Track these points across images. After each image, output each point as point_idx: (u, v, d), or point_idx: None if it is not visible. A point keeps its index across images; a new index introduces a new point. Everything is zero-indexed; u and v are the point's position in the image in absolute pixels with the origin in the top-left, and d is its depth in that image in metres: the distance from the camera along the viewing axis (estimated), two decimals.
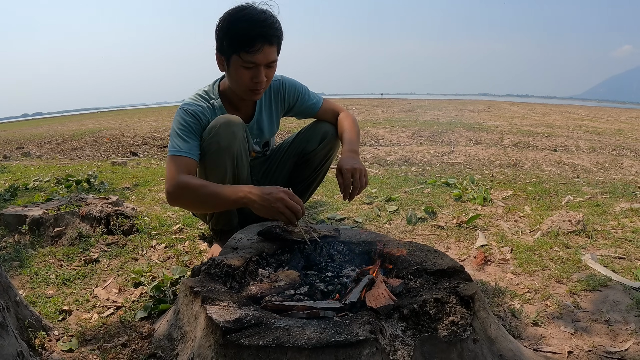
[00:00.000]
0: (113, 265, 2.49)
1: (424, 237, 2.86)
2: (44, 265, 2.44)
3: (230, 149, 2.23)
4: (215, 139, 2.20)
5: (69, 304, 2.05)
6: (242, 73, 2.17)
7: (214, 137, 2.20)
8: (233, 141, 2.22)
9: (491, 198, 3.69)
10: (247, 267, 1.75)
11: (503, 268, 2.41)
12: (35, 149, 10.15)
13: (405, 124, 11.39)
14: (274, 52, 2.17)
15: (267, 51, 2.12)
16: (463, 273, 1.65)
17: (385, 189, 4.24)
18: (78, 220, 2.81)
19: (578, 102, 48.01)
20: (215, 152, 2.21)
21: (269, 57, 2.15)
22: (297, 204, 1.87)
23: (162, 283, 2.06)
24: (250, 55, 2.10)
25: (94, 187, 4.49)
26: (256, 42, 2.07)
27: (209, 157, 2.23)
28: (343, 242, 1.98)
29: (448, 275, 1.65)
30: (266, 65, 2.17)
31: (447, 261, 1.72)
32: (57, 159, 8.26)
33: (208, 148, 2.22)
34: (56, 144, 11.05)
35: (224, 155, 2.23)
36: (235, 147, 2.24)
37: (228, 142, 2.21)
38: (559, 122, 12.95)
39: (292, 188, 2.70)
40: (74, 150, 9.58)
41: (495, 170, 5.46)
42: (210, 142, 2.21)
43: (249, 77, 2.17)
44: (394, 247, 1.89)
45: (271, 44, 2.12)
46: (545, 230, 2.88)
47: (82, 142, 10.97)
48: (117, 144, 10.22)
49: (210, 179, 2.24)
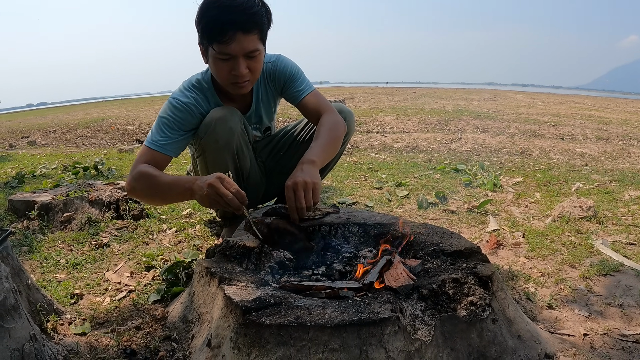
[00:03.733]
0: (124, 250, 2.48)
1: (436, 222, 2.84)
2: (53, 250, 2.44)
3: (230, 146, 2.16)
4: (213, 137, 2.12)
5: (80, 287, 2.04)
6: (220, 66, 1.98)
7: (211, 135, 2.11)
8: (231, 137, 2.15)
9: (501, 184, 3.67)
10: (262, 249, 1.74)
11: (516, 252, 2.40)
12: (40, 138, 10.17)
13: (412, 112, 11.35)
14: (252, 41, 1.92)
15: (242, 40, 1.89)
16: (480, 254, 1.65)
17: (394, 174, 4.23)
18: (87, 206, 2.80)
19: (584, 92, 47.69)
20: (215, 151, 2.16)
21: (245, 47, 1.92)
22: (229, 191, 1.68)
23: (175, 266, 2.05)
24: (223, 46, 1.90)
25: (102, 173, 4.48)
26: (227, 31, 1.86)
27: (209, 155, 2.18)
28: (358, 223, 1.97)
29: (465, 256, 1.64)
30: (245, 55, 1.95)
31: (463, 242, 1.72)
32: (63, 147, 8.25)
33: (206, 146, 2.16)
34: (61, 132, 11.07)
35: (224, 153, 2.17)
36: (234, 143, 2.17)
37: (226, 140, 2.14)
38: (565, 111, 12.89)
39: None
40: (79, 139, 9.60)
41: (503, 158, 5.44)
42: (208, 141, 2.13)
43: (228, 69, 1.98)
44: (410, 228, 1.88)
45: (247, 31, 1.89)
46: (557, 215, 2.87)
47: (87, 130, 10.98)
48: (122, 132, 10.23)
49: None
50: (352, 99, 17.00)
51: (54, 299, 1.84)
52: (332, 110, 2.30)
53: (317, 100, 2.33)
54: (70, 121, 13.81)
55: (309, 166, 1.91)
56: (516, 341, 1.40)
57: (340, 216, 2.06)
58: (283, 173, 2.53)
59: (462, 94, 21.24)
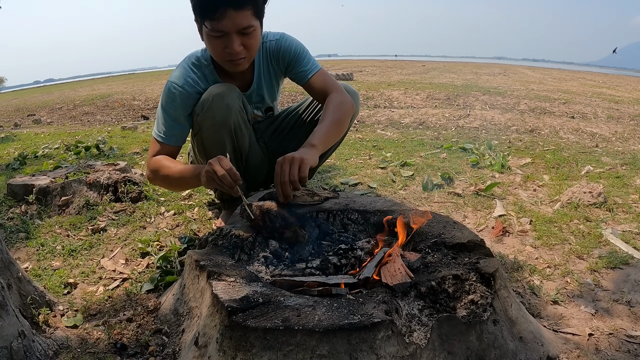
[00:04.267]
0: (120, 234, 2.44)
1: (440, 205, 2.77)
2: (50, 236, 2.41)
3: (227, 123, 2.07)
4: (209, 114, 2.03)
5: (74, 276, 2.01)
6: (214, 43, 1.92)
7: (207, 112, 2.03)
8: (228, 114, 2.05)
9: (509, 165, 3.57)
10: (256, 238, 1.68)
11: (522, 240, 2.33)
12: (46, 116, 10.13)
13: (420, 86, 11.18)
14: (246, 17, 1.84)
15: (234, 16, 1.81)
16: (483, 247, 1.58)
17: (400, 152, 4.14)
18: (85, 189, 2.76)
19: (595, 68, 46.94)
20: (211, 128, 2.07)
21: (238, 24, 1.84)
22: (225, 171, 1.66)
23: (169, 253, 2.01)
24: (215, 23, 1.82)
25: (103, 153, 4.46)
26: (218, 7, 1.78)
27: (205, 133, 2.10)
28: (357, 210, 1.89)
29: (468, 250, 1.57)
30: (239, 32, 1.87)
31: (466, 234, 1.64)
32: (68, 124, 8.21)
33: (202, 124, 2.07)
34: (67, 109, 11.02)
35: (221, 131, 2.09)
36: (231, 120, 2.08)
37: (223, 117, 2.05)
38: (576, 88, 12.65)
39: None
40: (85, 116, 9.54)
41: (512, 136, 5.32)
42: (205, 118, 2.05)
43: (222, 47, 1.91)
44: (411, 216, 1.81)
45: (239, 7, 1.80)
46: (565, 201, 2.78)
47: (93, 107, 10.93)
48: (128, 108, 10.16)
49: (211, 155, 2.17)
50: (360, 72, 16.80)
51: (48, 289, 1.82)
52: (340, 90, 2.23)
53: (323, 79, 2.26)
54: (76, 98, 13.75)
55: (307, 149, 1.87)
56: (517, 343, 1.33)
57: (340, 202, 1.98)
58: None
59: (471, 68, 20.94)
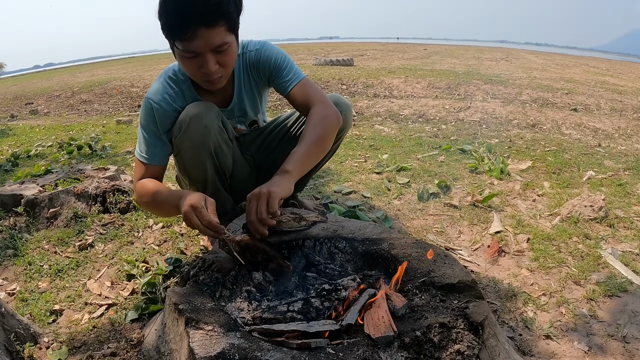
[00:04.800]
0: (108, 251, 2.41)
1: (436, 218, 2.71)
2: (38, 253, 2.38)
3: (206, 145, 1.97)
4: (187, 136, 1.93)
5: (60, 301, 1.98)
6: (187, 64, 1.79)
7: (185, 134, 1.92)
8: (207, 136, 1.95)
9: (509, 171, 3.50)
10: (240, 270, 1.62)
11: (518, 262, 2.27)
12: (43, 105, 10.08)
13: (421, 73, 11.05)
14: (219, 34, 1.70)
15: (206, 35, 1.67)
16: (474, 289, 1.52)
17: (397, 154, 4.07)
18: (73, 199, 2.71)
19: (598, 54, 46.47)
20: (190, 150, 1.98)
21: (212, 42, 1.70)
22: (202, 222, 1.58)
23: (154, 279, 1.97)
24: (186, 43, 1.68)
25: (96, 152, 4.44)
26: (188, 27, 1.63)
27: (185, 155, 2.01)
28: (345, 238, 1.83)
29: (457, 291, 1.51)
30: (213, 50, 1.74)
31: (457, 272, 1.58)
32: (65, 115, 8.17)
33: (181, 146, 1.97)
34: (65, 97, 10.96)
35: (200, 153, 2.00)
36: (210, 141, 1.98)
37: (201, 139, 1.95)
38: (579, 76, 12.50)
39: None
40: (82, 105, 9.48)
41: (512, 132, 5.24)
42: (182, 139, 1.94)
43: (196, 67, 1.78)
44: (400, 249, 1.75)
45: (211, 24, 1.66)
46: (565, 215, 2.72)
47: (91, 94, 10.86)
48: (126, 95, 10.09)
49: (193, 177, 2.09)
50: (361, 56, 16.64)
51: (33, 318, 1.80)
52: (324, 101, 2.05)
53: (305, 91, 2.08)
54: (75, 84, 13.66)
55: (280, 177, 1.78)
56: None
57: (328, 227, 1.92)
58: (275, 166, 2.43)
59: (473, 53, 20.74)
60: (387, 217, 2.64)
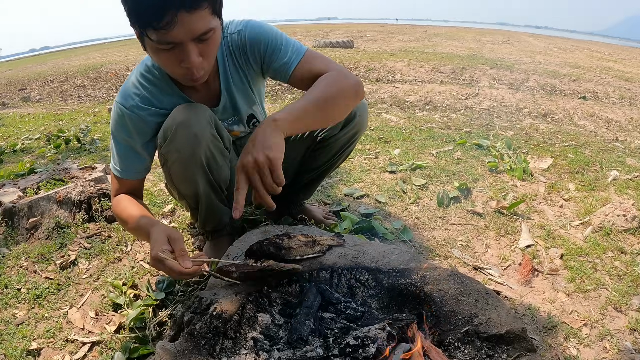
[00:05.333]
0: (92, 270, 2.14)
1: (459, 228, 2.47)
2: (15, 273, 2.11)
3: (196, 157, 1.67)
4: (174, 147, 1.63)
5: (38, 336, 1.73)
6: (163, 57, 1.42)
7: (171, 144, 1.63)
8: (197, 147, 1.65)
9: (531, 171, 3.24)
10: (244, 313, 1.36)
11: (553, 283, 2.04)
12: (36, 91, 9.78)
13: (424, 56, 10.71)
14: (202, 19, 1.35)
15: (187, 21, 1.31)
16: (524, 340, 1.28)
17: (409, 149, 3.79)
18: (55, 207, 2.41)
19: (599, 38, 46.19)
20: (177, 163, 1.69)
21: (193, 30, 1.34)
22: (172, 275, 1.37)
23: (144, 311, 1.70)
24: (162, 33, 1.31)
25: (84, 146, 4.15)
26: (165, 12, 1.26)
27: (172, 168, 1.72)
28: (368, 269, 1.58)
29: (506, 343, 1.28)
30: (196, 39, 1.38)
31: (503, 317, 1.34)
32: (57, 101, 7.91)
33: (167, 157, 1.68)
34: (59, 82, 10.63)
35: (189, 166, 1.70)
36: (201, 152, 1.67)
37: (190, 150, 1.65)
38: (583, 61, 12.21)
39: (299, 177, 2.23)
40: (76, 90, 9.18)
41: (525, 123, 5.00)
42: (168, 150, 1.65)
43: (175, 61, 1.42)
44: (434, 283, 1.49)
45: (193, 7, 1.30)
46: (597, 225, 2.48)
47: (85, 79, 10.53)
48: (121, 79, 9.78)
49: (182, 191, 1.82)
50: (360, 37, 16.25)
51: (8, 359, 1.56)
52: (337, 69, 1.64)
53: (312, 66, 1.67)
54: (69, 68, 13.27)
55: (268, 131, 1.37)
56: None
57: (346, 253, 1.66)
58: None
59: (474, 35, 20.35)
60: (405, 229, 2.38)
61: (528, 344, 1.28)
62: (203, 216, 1.96)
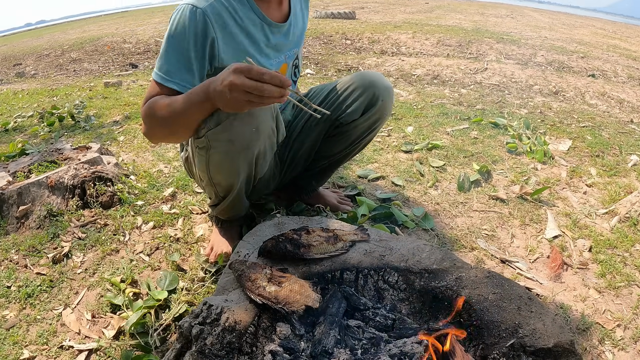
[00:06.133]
0: (88, 264, 1.96)
1: (482, 215, 2.33)
2: (5, 268, 1.93)
3: (249, 151, 1.51)
4: (226, 136, 1.44)
5: (31, 342, 1.57)
6: None
7: (225, 131, 1.43)
8: (254, 141, 1.49)
9: (552, 154, 3.08)
10: (260, 322, 1.21)
11: (584, 278, 1.93)
12: (32, 66, 9.46)
13: (428, 29, 10.44)
14: None
15: None
16: (574, 354, 1.15)
17: (422, 126, 3.61)
18: (47, 193, 2.21)
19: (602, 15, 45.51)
20: (225, 153, 1.51)
21: None
22: (258, 78, 1.15)
23: (144, 318, 1.56)
24: None
25: (79, 124, 3.93)
26: None
27: (215, 155, 1.53)
28: (397, 269, 1.44)
29: (554, 357, 1.15)
30: None
31: (549, 327, 1.21)
32: (52, 76, 7.62)
33: (215, 143, 1.48)
34: (55, 56, 10.30)
35: (238, 159, 1.53)
36: (256, 147, 1.52)
37: (245, 144, 1.48)
38: (589, 38, 11.96)
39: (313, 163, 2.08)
40: (71, 64, 8.86)
41: (537, 100, 4.83)
42: (218, 139, 1.46)
43: None
44: (471, 287, 1.35)
45: None
46: (623, 215, 2.36)
47: (81, 52, 10.20)
48: (118, 52, 9.45)
49: (216, 179, 1.65)
50: (362, 9, 15.85)
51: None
52: None
53: None
54: (65, 42, 12.89)
55: None
56: None
57: (371, 249, 1.52)
58: (294, 161, 2.02)
59: (477, 8, 19.91)
60: (427, 216, 2.24)
61: (577, 358, 1.15)
62: (226, 206, 1.82)
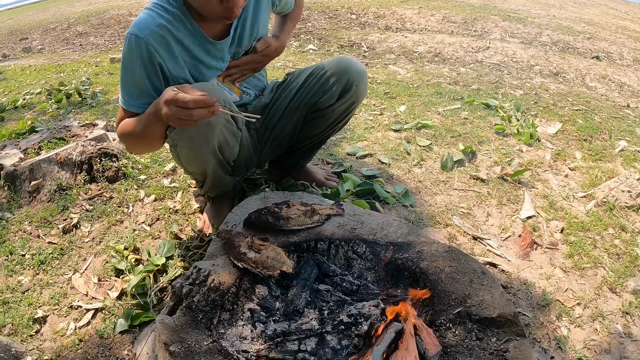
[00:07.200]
0: (94, 234, 2.17)
1: (461, 194, 2.45)
2: (19, 238, 2.16)
3: (209, 144, 1.64)
4: (185, 135, 1.57)
5: (44, 303, 1.79)
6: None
7: (183, 131, 1.55)
8: (210, 134, 1.61)
9: (539, 136, 3.17)
10: (241, 284, 1.37)
11: (551, 258, 2.04)
12: (38, 40, 9.52)
13: (435, 4, 10.37)
14: None
15: None
16: (515, 324, 1.28)
17: (415, 106, 3.70)
18: (57, 169, 2.43)
19: None
20: (188, 149, 1.65)
21: None
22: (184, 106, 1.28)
23: (144, 281, 1.77)
24: None
25: (85, 100, 4.11)
26: None
27: (182, 151, 1.67)
28: (365, 241, 1.57)
29: (496, 326, 1.28)
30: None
31: (497, 299, 1.33)
32: (59, 51, 7.71)
33: (178, 142, 1.62)
34: (61, 30, 10.33)
35: (201, 152, 1.66)
36: (214, 139, 1.64)
37: (203, 138, 1.61)
38: (598, 18, 11.82)
39: (297, 144, 2.18)
40: (77, 38, 8.93)
41: (536, 81, 4.88)
42: (180, 138, 1.59)
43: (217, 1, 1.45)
44: (430, 260, 1.48)
45: None
46: (601, 200, 2.45)
47: (87, 26, 10.22)
48: (124, 25, 9.48)
49: (191, 170, 1.82)
50: None
51: (15, 327, 1.63)
52: None
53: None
54: (71, 15, 12.86)
55: None
56: None
57: (345, 223, 1.65)
58: (275, 142, 2.12)
59: None
60: (407, 193, 2.36)
61: (519, 329, 1.28)
62: (208, 186, 1.95)
